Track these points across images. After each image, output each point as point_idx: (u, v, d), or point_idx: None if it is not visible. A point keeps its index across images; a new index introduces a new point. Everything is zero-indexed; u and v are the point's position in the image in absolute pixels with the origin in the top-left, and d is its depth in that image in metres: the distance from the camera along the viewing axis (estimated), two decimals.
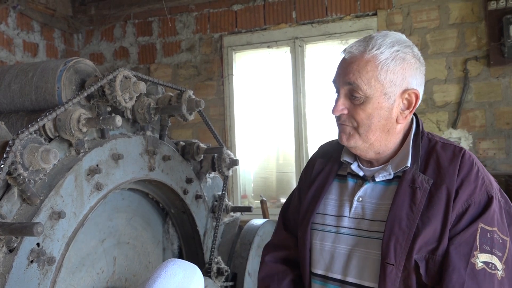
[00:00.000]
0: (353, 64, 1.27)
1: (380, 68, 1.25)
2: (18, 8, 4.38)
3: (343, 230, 1.35)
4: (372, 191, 1.35)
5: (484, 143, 3.87)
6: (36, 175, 1.49)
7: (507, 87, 3.80)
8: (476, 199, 1.22)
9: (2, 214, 1.41)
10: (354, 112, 1.29)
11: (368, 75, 1.25)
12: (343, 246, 1.34)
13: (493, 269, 1.18)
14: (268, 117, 4.61)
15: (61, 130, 1.63)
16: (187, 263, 1.43)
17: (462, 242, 1.20)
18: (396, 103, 1.29)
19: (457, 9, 3.93)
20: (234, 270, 2.49)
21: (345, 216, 1.36)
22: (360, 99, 1.27)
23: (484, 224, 1.20)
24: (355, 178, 1.40)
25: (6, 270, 1.41)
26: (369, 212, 1.32)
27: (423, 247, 1.21)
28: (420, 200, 1.24)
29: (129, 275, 2.12)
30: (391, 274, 1.21)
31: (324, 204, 1.41)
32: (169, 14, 4.83)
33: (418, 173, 1.28)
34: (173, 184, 2.19)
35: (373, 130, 1.29)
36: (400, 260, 1.21)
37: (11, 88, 1.83)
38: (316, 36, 4.34)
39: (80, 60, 1.85)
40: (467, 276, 1.17)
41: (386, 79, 1.26)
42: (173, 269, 1.37)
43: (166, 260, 1.43)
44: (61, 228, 1.58)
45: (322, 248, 1.37)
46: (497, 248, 1.20)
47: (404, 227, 1.22)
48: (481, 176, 1.25)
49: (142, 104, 1.99)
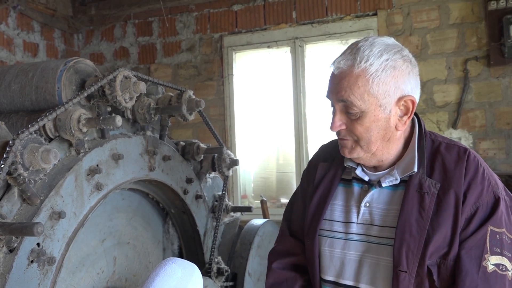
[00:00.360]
0: (343, 80, 1.25)
1: (371, 81, 1.23)
2: (18, 8, 4.38)
3: (352, 236, 1.35)
4: (379, 196, 1.34)
5: (484, 143, 3.87)
6: (36, 175, 1.49)
7: (507, 87, 3.80)
8: (483, 201, 1.23)
9: (2, 214, 1.41)
10: (352, 127, 1.28)
11: (360, 90, 1.23)
12: (353, 252, 1.34)
13: (503, 270, 1.20)
14: (268, 117, 4.61)
15: (61, 130, 1.63)
16: (186, 262, 1.43)
17: (473, 246, 1.21)
18: (393, 112, 1.27)
19: (457, 9, 3.93)
20: (234, 270, 2.49)
21: (353, 222, 1.35)
22: (356, 114, 1.26)
23: (493, 226, 1.21)
24: (361, 183, 1.39)
25: (6, 270, 1.41)
26: (377, 218, 1.32)
27: (434, 252, 1.22)
28: (429, 206, 1.24)
29: (129, 275, 2.12)
30: (404, 281, 1.22)
31: (330, 210, 1.41)
32: (169, 14, 4.83)
33: (425, 178, 1.27)
34: (173, 184, 2.18)
35: (373, 141, 1.29)
36: (412, 267, 1.22)
37: (11, 88, 1.83)
38: (316, 36, 4.34)
39: (80, 60, 1.85)
40: (479, 280, 1.18)
41: (379, 91, 1.24)
42: (172, 268, 1.37)
43: (165, 259, 1.43)
44: (61, 228, 1.58)
45: (331, 255, 1.37)
46: (506, 249, 1.21)
47: (414, 234, 1.23)
48: (487, 177, 1.26)
49: (142, 104, 1.99)
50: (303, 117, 4.38)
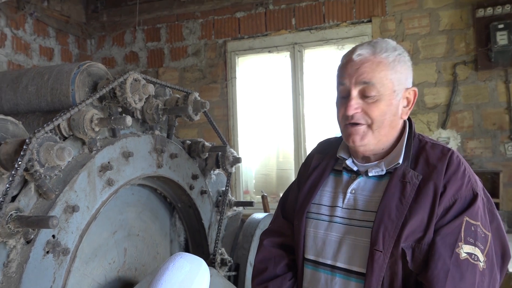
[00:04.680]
0: (365, 64, 1.27)
1: (390, 68, 1.27)
2: (35, 15, 4.39)
3: (336, 219, 1.35)
4: (364, 184, 1.35)
5: (472, 143, 3.87)
6: (52, 171, 1.49)
7: (493, 90, 3.79)
8: (462, 195, 1.23)
9: (19, 207, 1.41)
10: (368, 110, 1.28)
11: (381, 74, 1.26)
12: (335, 234, 1.34)
13: (475, 260, 1.18)
14: (269, 118, 4.60)
15: (75, 129, 1.63)
16: (193, 256, 1.43)
17: (448, 233, 1.20)
18: (401, 100, 1.31)
19: (447, 16, 3.92)
20: (237, 260, 2.49)
21: (339, 206, 1.36)
22: (374, 97, 1.27)
23: (469, 217, 1.21)
24: (350, 172, 1.40)
25: (23, 260, 1.42)
26: (361, 203, 1.33)
27: (410, 236, 1.21)
28: (409, 193, 1.24)
29: (138, 265, 2.13)
30: (379, 260, 1.22)
31: (320, 195, 1.42)
32: (176, 21, 4.83)
33: (409, 169, 1.28)
34: (180, 180, 2.19)
35: (385, 126, 1.30)
36: (388, 247, 1.21)
37: (28, 90, 1.83)
38: (314, 42, 4.33)
39: (92, 63, 1.85)
40: (451, 264, 1.17)
41: (395, 78, 1.28)
42: (180, 262, 1.38)
43: (174, 254, 1.43)
44: (75, 221, 1.59)
45: (315, 236, 1.38)
46: (480, 241, 1.20)
47: (393, 217, 1.23)
48: (467, 175, 1.26)
49: (151, 105, 1.99)
50: (302, 118, 4.38)
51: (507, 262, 1.28)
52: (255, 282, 1.48)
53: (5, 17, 4.14)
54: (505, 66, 3.70)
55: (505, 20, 3.65)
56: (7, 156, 1.41)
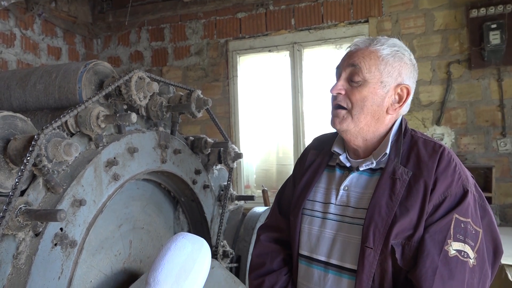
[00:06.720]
0: (358, 51, 1.30)
1: (381, 59, 1.27)
2: (43, 16, 4.38)
3: (329, 216, 1.34)
4: (357, 180, 1.33)
5: (465, 139, 3.86)
6: (59, 166, 1.49)
7: (486, 88, 3.78)
8: (452, 192, 1.20)
9: (28, 201, 1.41)
10: (350, 93, 1.29)
11: (370, 62, 1.27)
12: (329, 230, 1.33)
13: (465, 257, 1.16)
14: (269, 115, 4.59)
15: (81, 126, 1.63)
16: (195, 236, 1.41)
17: (437, 230, 1.17)
18: (389, 93, 1.29)
19: (441, 16, 3.91)
20: (238, 252, 2.49)
21: (332, 203, 1.34)
22: (358, 82, 1.27)
23: (458, 215, 1.18)
24: (343, 169, 1.39)
25: (32, 252, 1.41)
26: (353, 200, 1.31)
27: (399, 233, 1.19)
28: (399, 190, 1.22)
29: (143, 257, 2.13)
30: (369, 256, 1.20)
31: (314, 192, 1.40)
32: (180, 21, 4.81)
33: (399, 166, 1.26)
34: (183, 175, 2.18)
35: (365, 113, 1.28)
36: (378, 244, 1.19)
37: (37, 88, 1.83)
38: (313, 41, 4.32)
39: (99, 62, 1.84)
40: (440, 262, 1.14)
41: (385, 70, 1.27)
42: (182, 242, 1.35)
43: (176, 234, 1.41)
44: (82, 214, 1.59)
45: (310, 232, 1.36)
46: (470, 237, 1.17)
47: (383, 215, 1.21)
48: (458, 171, 1.23)
49: (155, 103, 1.99)
50: (301, 115, 4.37)
51: (499, 258, 1.25)
52: (252, 276, 1.46)
53: (14, 17, 4.13)
54: (497, 64, 3.69)
55: (497, 20, 3.64)
56: (16, 152, 1.41)
